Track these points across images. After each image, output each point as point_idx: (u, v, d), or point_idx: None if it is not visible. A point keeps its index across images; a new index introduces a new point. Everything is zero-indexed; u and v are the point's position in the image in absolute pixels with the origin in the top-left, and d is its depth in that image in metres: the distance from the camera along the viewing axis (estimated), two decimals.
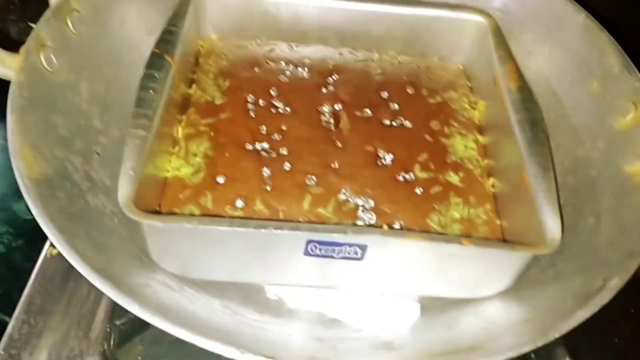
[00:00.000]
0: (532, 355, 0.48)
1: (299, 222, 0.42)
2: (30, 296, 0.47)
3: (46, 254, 0.49)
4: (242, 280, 0.44)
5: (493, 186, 0.48)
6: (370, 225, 0.43)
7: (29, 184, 0.37)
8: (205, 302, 0.42)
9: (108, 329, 0.47)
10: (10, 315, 0.46)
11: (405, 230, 0.43)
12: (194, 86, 0.52)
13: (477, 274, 0.41)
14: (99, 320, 0.47)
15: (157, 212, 0.43)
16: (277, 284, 0.44)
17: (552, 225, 0.40)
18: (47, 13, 0.46)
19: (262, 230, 0.37)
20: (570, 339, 0.44)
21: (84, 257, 0.36)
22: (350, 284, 0.43)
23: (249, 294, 0.44)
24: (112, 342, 0.47)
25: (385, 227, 0.43)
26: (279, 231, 0.37)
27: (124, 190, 0.38)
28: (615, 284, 0.37)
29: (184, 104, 0.51)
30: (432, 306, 0.44)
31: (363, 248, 0.39)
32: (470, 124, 0.52)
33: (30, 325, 0.46)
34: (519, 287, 0.43)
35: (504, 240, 0.45)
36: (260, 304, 0.44)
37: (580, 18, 0.53)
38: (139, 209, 0.38)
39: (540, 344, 0.36)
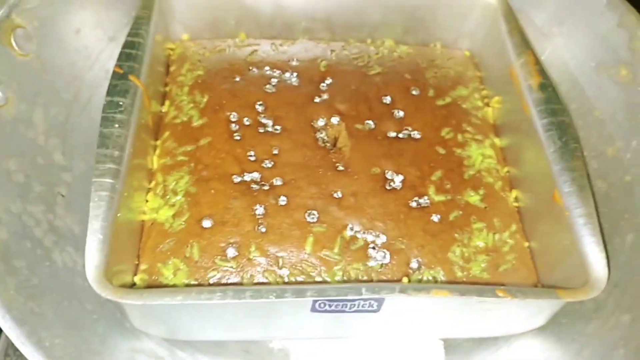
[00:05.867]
0: None
1: (303, 282, 0.36)
2: None
3: None
4: (241, 339, 0.38)
5: (516, 199, 0.42)
6: (383, 266, 0.37)
7: None
8: None
9: None
10: None
11: (426, 268, 0.37)
12: (167, 103, 0.45)
13: (509, 317, 0.36)
14: None
15: (136, 272, 0.37)
16: (280, 339, 0.39)
17: (596, 262, 0.34)
18: None
19: (261, 300, 0.31)
20: None
21: (51, 351, 0.30)
22: (365, 334, 0.38)
23: (250, 347, 0.39)
24: None
25: (405, 279, 0.37)
26: (281, 300, 0.31)
27: (93, 260, 0.32)
28: None
29: (157, 126, 0.44)
30: (457, 346, 0.39)
31: (379, 301, 0.34)
32: (485, 125, 0.45)
33: None
34: (556, 322, 0.38)
35: (536, 269, 0.39)
36: (262, 357, 0.39)
37: None
38: (113, 276, 0.33)
39: None
